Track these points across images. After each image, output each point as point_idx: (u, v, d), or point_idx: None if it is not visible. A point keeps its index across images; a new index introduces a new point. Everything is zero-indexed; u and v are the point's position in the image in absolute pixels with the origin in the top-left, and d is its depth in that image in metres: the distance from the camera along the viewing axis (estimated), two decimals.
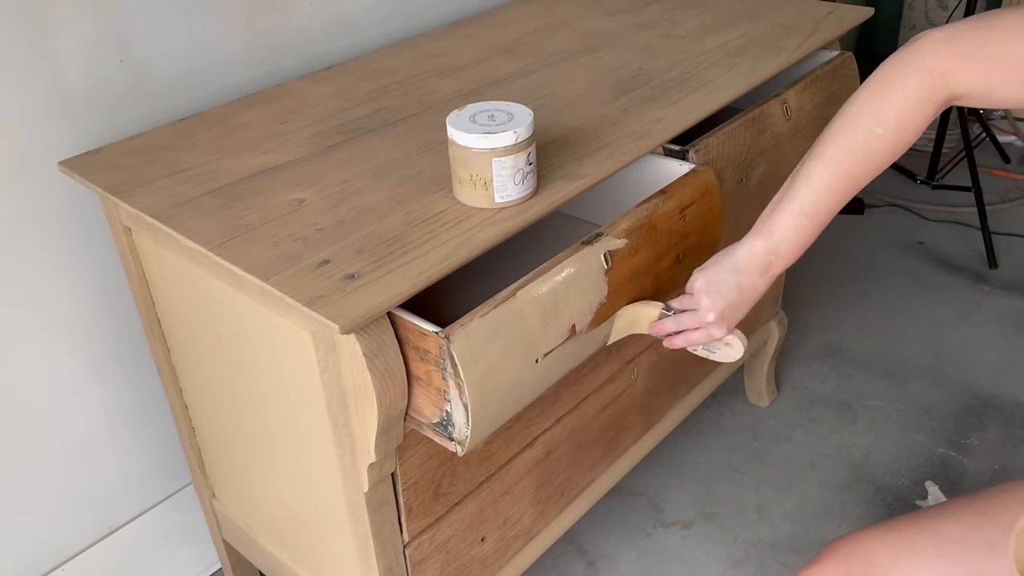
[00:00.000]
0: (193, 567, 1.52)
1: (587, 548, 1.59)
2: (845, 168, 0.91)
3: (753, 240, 0.95)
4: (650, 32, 1.46)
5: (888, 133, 0.89)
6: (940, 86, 0.87)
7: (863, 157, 0.90)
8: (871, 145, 0.89)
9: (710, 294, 0.95)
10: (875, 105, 0.89)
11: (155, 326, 1.19)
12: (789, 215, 0.93)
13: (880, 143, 0.89)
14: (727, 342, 1.00)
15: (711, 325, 0.96)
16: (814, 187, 0.91)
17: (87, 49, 1.15)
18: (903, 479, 1.69)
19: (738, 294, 0.95)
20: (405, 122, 1.18)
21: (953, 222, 2.47)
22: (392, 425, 0.90)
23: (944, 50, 0.87)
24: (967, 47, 0.86)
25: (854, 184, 0.92)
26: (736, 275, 0.95)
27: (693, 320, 0.98)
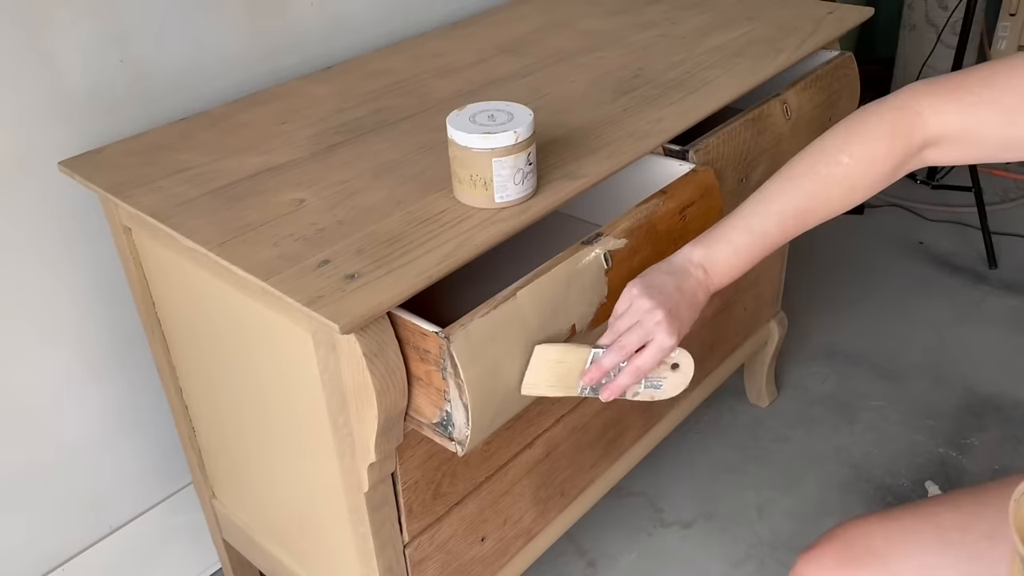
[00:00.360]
0: (193, 567, 1.52)
1: (587, 548, 1.59)
2: (801, 194, 0.87)
3: (691, 247, 0.91)
4: (650, 32, 1.46)
5: (852, 162, 0.86)
6: (915, 124, 0.84)
7: (821, 187, 0.87)
8: (832, 173, 0.86)
9: (651, 295, 0.86)
10: (846, 135, 0.87)
11: (155, 326, 1.19)
12: (732, 228, 0.90)
13: (841, 173, 0.86)
14: (675, 360, 0.89)
15: (659, 329, 0.85)
16: (766, 206, 0.89)
17: (87, 49, 1.15)
18: (903, 479, 1.69)
19: (679, 297, 0.87)
20: (405, 122, 1.18)
21: (953, 222, 2.47)
22: (392, 425, 0.90)
23: (924, 89, 0.85)
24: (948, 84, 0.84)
25: (806, 214, 0.88)
26: (674, 277, 0.88)
27: (635, 336, 0.86)
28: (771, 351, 1.77)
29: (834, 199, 0.88)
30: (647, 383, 0.90)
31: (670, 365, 0.90)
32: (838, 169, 0.87)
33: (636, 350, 0.87)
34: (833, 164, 0.87)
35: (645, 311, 0.86)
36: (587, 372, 0.89)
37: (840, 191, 0.87)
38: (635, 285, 0.88)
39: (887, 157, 0.86)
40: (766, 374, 1.81)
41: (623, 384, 0.88)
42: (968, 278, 2.25)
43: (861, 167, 0.86)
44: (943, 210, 2.51)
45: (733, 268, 0.90)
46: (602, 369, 0.88)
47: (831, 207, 0.89)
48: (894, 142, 0.85)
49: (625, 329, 0.87)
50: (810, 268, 2.28)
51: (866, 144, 0.86)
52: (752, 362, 1.81)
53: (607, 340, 0.88)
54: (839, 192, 0.87)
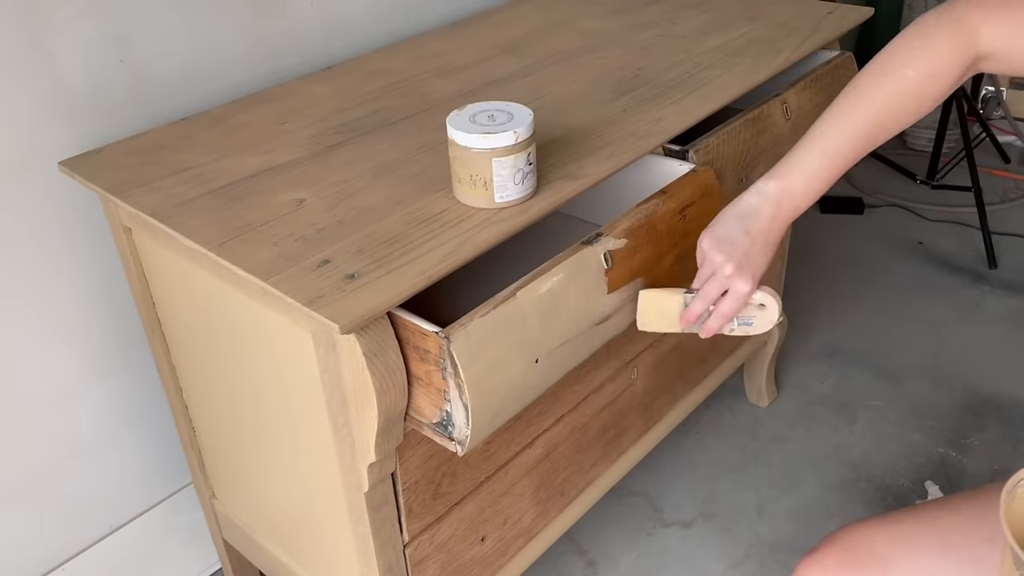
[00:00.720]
0: (193, 567, 1.52)
1: (587, 548, 1.59)
2: (870, 108, 0.89)
3: (765, 181, 0.92)
4: (650, 32, 1.46)
5: (917, 76, 0.87)
6: (970, 39, 0.86)
7: (889, 99, 0.88)
8: (899, 87, 0.88)
9: (720, 248, 0.91)
10: (905, 49, 0.88)
11: (155, 326, 1.19)
12: (806, 152, 0.90)
13: (908, 86, 0.88)
14: (759, 301, 0.95)
15: (733, 280, 0.91)
16: (837, 126, 0.90)
17: (87, 49, 1.15)
18: (903, 479, 1.69)
19: (750, 241, 0.91)
20: (405, 122, 1.18)
21: (953, 222, 2.47)
22: (392, 425, 0.90)
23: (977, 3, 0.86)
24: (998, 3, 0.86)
25: (877, 128, 0.90)
26: (742, 221, 0.91)
27: (715, 286, 0.92)
28: (771, 351, 1.77)
29: (903, 113, 0.89)
30: (739, 321, 0.97)
31: (758, 304, 0.95)
32: (904, 83, 0.88)
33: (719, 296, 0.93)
34: (900, 79, 0.88)
35: (718, 265, 0.91)
36: (683, 316, 0.97)
37: (908, 105, 0.89)
38: (705, 238, 0.93)
39: (949, 69, 0.87)
40: (766, 374, 1.81)
41: (714, 327, 0.95)
42: (968, 278, 2.25)
43: (926, 80, 0.88)
44: (943, 210, 2.51)
45: (809, 193, 0.92)
46: (693, 315, 0.96)
47: (900, 121, 0.90)
48: (953, 56, 0.87)
49: (706, 278, 0.93)
50: (810, 268, 2.28)
51: (928, 58, 0.87)
52: (752, 362, 1.81)
53: (696, 284, 0.95)
54: (907, 106, 0.89)
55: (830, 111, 0.91)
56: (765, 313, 0.96)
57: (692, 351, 1.47)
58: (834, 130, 0.90)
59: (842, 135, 0.89)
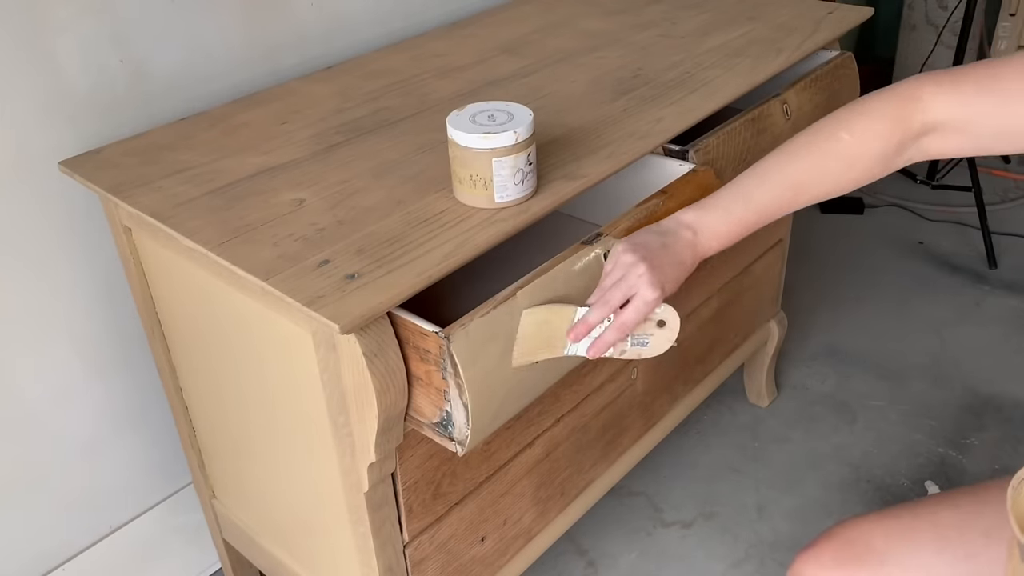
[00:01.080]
0: (193, 567, 1.52)
1: (587, 548, 1.59)
2: (798, 167, 0.89)
3: (684, 211, 0.92)
4: (650, 32, 1.46)
5: (851, 139, 0.87)
6: (916, 108, 0.85)
7: (818, 160, 0.88)
8: (830, 149, 0.88)
9: (634, 250, 0.87)
10: (848, 114, 0.88)
11: (155, 326, 1.19)
12: (729, 197, 0.91)
13: (840, 148, 0.87)
14: (660, 316, 0.88)
15: (641, 283, 0.85)
16: (763, 178, 0.90)
17: (87, 49, 1.15)
18: (903, 479, 1.69)
19: (666, 254, 0.88)
20: (405, 122, 1.18)
21: (953, 222, 2.47)
22: (392, 425, 0.90)
23: (925, 78, 0.86)
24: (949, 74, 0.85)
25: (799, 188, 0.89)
26: (661, 237, 0.89)
27: (619, 291, 0.86)
28: (771, 351, 1.77)
29: (831, 174, 0.89)
30: (633, 340, 0.89)
31: (656, 322, 0.89)
32: (838, 145, 0.88)
33: (621, 306, 0.87)
34: (833, 140, 0.88)
35: (628, 265, 0.87)
36: (572, 329, 0.88)
37: (838, 166, 0.88)
38: (620, 243, 0.90)
39: (887, 137, 0.86)
40: (766, 374, 1.81)
41: (609, 340, 0.87)
42: (968, 278, 2.25)
43: (860, 144, 0.87)
44: (943, 210, 2.51)
45: (724, 233, 0.91)
46: (588, 325, 0.87)
47: (827, 183, 0.89)
48: (894, 124, 0.86)
49: (610, 286, 0.87)
50: (810, 268, 2.28)
51: (866, 123, 0.87)
52: (752, 362, 1.81)
53: (594, 298, 0.88)
54: (837, 168, 0.88)
55: (763, 161, 0.91)
56: (664, 332, 0.90)
57: (692, 351, 1.47)
58: (759, 182, 0.90)
59: (765, 188, 0.89)
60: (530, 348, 0.89)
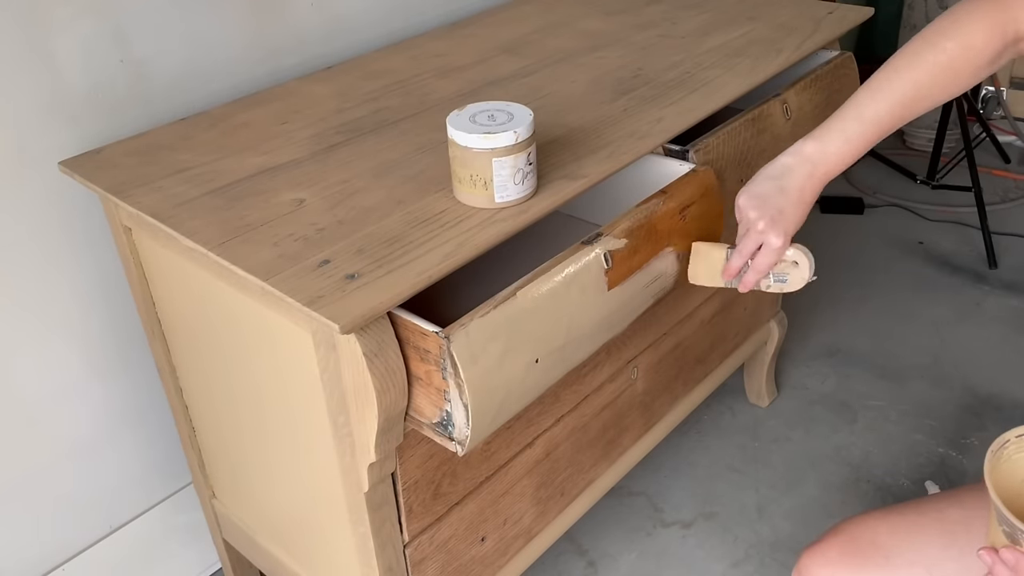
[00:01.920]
0: (193, 567, 1.52)
1: (587, 548, 1.59)
2: (909, 80, 0.91)
3: (802, 143, 0.96)
4: (650, 32, 1.46)
5: (955, 49, 0.90)
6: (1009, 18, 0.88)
7: (927, 71, 0.91)
8: (936, 60, 0.90)
9: (755, 205, 0.96)
10: (946, 24, 0.91)
11: (155, 326, 1.19)
12: (844, 119, 0.94)
13: (946, 59, 0.90)
14: (792, 258, 0.99)
15: (766, 235, 0.95)
16: (875, 95, 0.93)
17: (87, 49, 1.15)
18: (903, 479, 1.69)
19: (784, 198, 0.95)
20: (405, 122, 1.18)
21: (953, 222, 2.47)
22: (392, 425, 0.90)
23: None
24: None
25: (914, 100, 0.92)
26: (777, 180, 0.96)
27: (750, 241, 0.97)
28: (771, 351, 1.77)
29: (939, 85, 0.92)
30: (775, 277, 1.01)
31: (791, 262, 0.99)
32: (942, 56, 0.90)
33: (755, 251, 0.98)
34: (938, 52, 0.91)
35: (752, 221, 0.96)
36: (724, 269, 1.02)
37: (945, 78, 0.91)
38: (740, 196, 0.98)
39: (986, 45, 0.90)
40: (766, 374, 1.81)
41: (750, 281, 1.00)
42: (968, 278, 2.25)
43: (963, 54, 0.90)
44: (943, 210, 2.51)
45: (844, 156, 0.95)
46: (733, 269, 1.01)
47: (936, 94, 0.92)
48: (992, 32, 0.89)
49: (742, 236, 0.98)
50: None
51: (967, 34, 0.90)
52: (752, 362, 1.81)
53: (737, 240, 1.00)
54: (944, 79, 0.91)
55: (870, 81, 0.94)
56: (798, 271, 0.99)
57: (692, 351, 1.47)
58: (872, 100, 0.93)
59: (879, 104, 0.92)
60: (698, 274, 1.06)
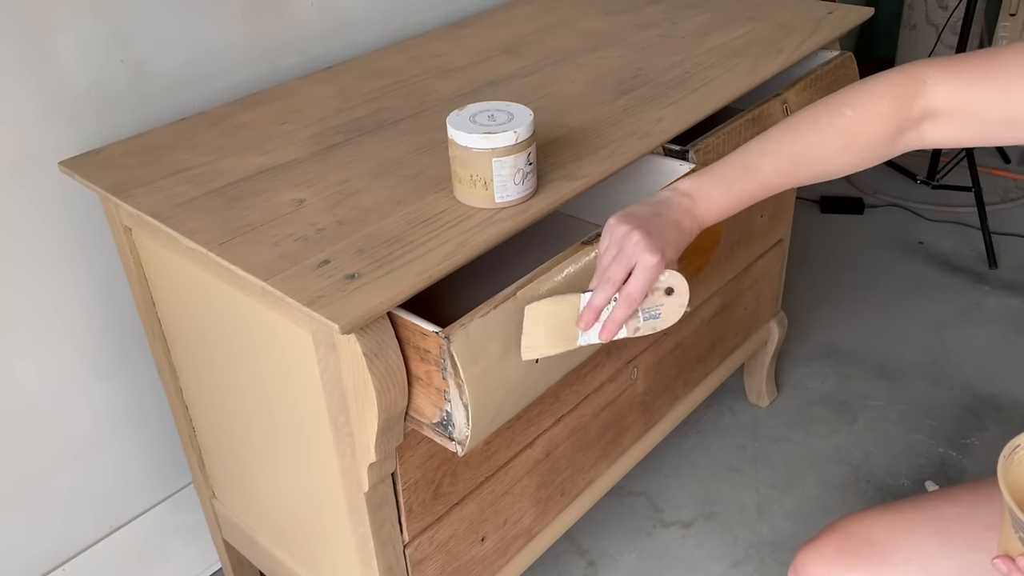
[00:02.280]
0: (193, 567, 1.52)
1: (587, 548, 1.59)
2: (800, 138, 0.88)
3: (680, 180, 0.90)
4: (650, 32, 1.46)
5: (855, 115, 0.87)
6: (918, 90, 0.85)
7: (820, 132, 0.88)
8: (833, 123, 0.87)
9: (627, 220, 0.84)
10: (851, 92, 0.89)
11: (155, 326, 1.19)
12: (726, 164, 0.89)
13: (843, 123, 0.87)
14: (666, 283, 0.84)
15: (638, 250, 0.82)
16: (763, 146, 0.89)
17: (87, 49, 1.15)
18: (903, 479, 1.69)
19: (661, 220, 0.85)
20: (405, 122, 1.18)
21: (953, 222, 2.47)
22: (392, 425, 0.90)
23: (928, 62, 0.87)
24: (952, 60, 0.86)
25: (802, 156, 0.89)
26: (654, 206, 0.86)
27: (620, 265, 0.82)
28: (771, 351, 1.77)
29: (831, 149, 0.88)
30: (645, 314, 0.85)
31: (663, 290, 0.85)
32: (840, 120, 0.88)
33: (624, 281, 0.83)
34: (836, 115, 0.88)
35: (623, 236, 0.83)
36: (581, 317, 0.84)
37: (838, 142, 0.88)
38: (612, 217, 0.86)
39: (889, 116, 0.87)
40: (766, 374, 1.81)
41: (619, 318, 0.83)
42: (968, 278, 2.25)
43: (862, 121, 0.87)
44: (943, 210, 2.51)
45: (723, 201, 0.88)
46: (595, 309, 0.84)
47: (828, 159, 0.89)
48: (896, 103, 0.86)
49: (609, 263, 0.83)
50: (810, 268, 2.28)
51: (870, 100, 0.87)
52: (752, 362, 1.81)
53: (595, 281, 0.85)
54: (837, 143, 0.88)
55: (765, 133, 0.91)
56: (674, 299, 0.85)
57: (692, 351, 1.47)
58: (760, 153, 0.89)
59: (765, 158, 0.88)
60: (539, 342, 0.86)
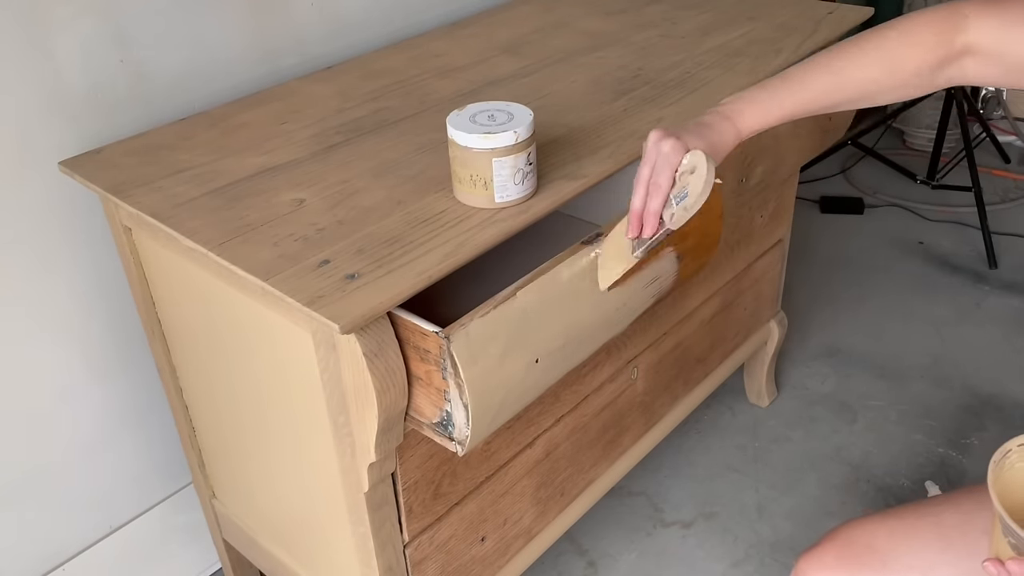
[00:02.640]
0: (193, 567, 1.52)
1: (587, 548, 1.59)
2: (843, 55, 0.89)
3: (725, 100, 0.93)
4: (650, 32, 1.46)
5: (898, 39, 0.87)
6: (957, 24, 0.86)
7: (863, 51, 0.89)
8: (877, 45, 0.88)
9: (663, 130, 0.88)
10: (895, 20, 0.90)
11: (155, 326, 1.19)
12: (772, 79, 0.92)
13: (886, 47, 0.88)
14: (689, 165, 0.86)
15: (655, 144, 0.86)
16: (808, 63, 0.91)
17: (87, 49, 1.15)
18: (903, 479, 1.69)
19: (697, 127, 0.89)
20: (405, 122, 1.18)
21: (953, 222, 2.47)
22: (392, 425, 0.90)
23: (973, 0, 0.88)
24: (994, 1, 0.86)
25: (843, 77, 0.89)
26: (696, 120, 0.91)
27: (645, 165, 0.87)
28: (771, 351, 1.77)
29: (874, 71, 0.89)
30: (676, 200, 0.87)
31: (688, 172, 0.87)
32: (884, 43, 0.88)
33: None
34: (881, 38, 0.89)
35: (654, 142, 0.87)
36: (628, 230, 0.90)
37: (881, 65, 0.88)
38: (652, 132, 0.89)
39: (931, 46, 0.87)
40: (766, 374, 1.81)
41: (654, 208, 0.87)
42: (968, 278, 2.25)
43: (906, 47, 0.88)
44: (943, 210, 2.51)
45: (762, 110, 0.91)
46: (636, 214, 0.88)
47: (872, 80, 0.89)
48: (940, 35, 0.87)
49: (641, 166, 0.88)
50: (810, 268, 2.28)
51: (914, 28, 0.88)
52: (752, 362, 1.81)
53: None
54: (880, 66, 0.88)
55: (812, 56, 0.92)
56: (696, 176, 0.86)
57: (692, 351, 1.47)
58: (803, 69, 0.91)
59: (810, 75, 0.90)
60: (607, 271, 0.95)
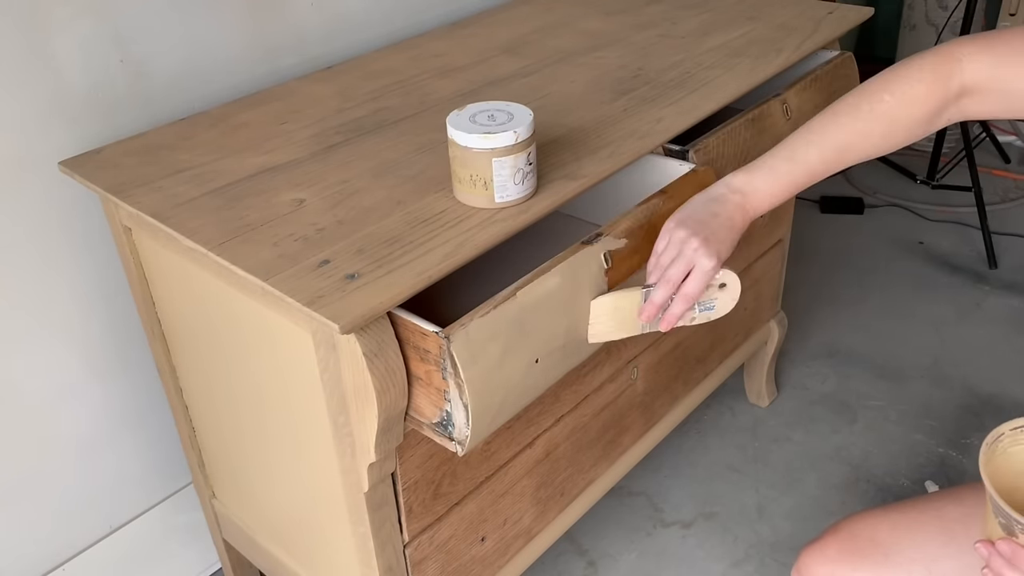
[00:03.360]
0: (193, 567, 1.52)
1: (587, 548, 1.59)
2: (843, 126, 0.92)
3: (732, 175, 0.95)
4: (650, 32, 1.46)
5: (893, 100, 0.90)
6: (954, 70, 0.88)
7: (862, 120, 0.91)
8: (873, 110, 0.91)
9: (686, 225, 0.91)
10: (889, 76, 0.91)
11: (155, 326, 1.19)
12: (776, 158, 0.94)
13: (883, 109, 0.90)
14: (720, 280, 0.93)
15: (698, 256, 0.90)
16: (808, 139, 0.93)
17: (87, 49, 1.15)
18: (903, 479, 1.69)
19: (716, 221, 0.92)
20: (405, 122, 1.18)
21: (953, 222, 2.47)
22: (392, 425, 0.90)
23: (964, 40, 0.89)
24: (986, 36, 0.88)
25: (846, 148, 0.92)
26: (710, 205, 0.93)
27: (679, 266, 0.91)
28: (771, 351, 1.77)
29: (875, 135, 0.92)
30: (700, 307, 0.95)
31: (718, 286, 0.94)
32: (880, 106, 0.91)
33: (682, 280, 0.92)
34: (876, 102, 0.91)
35: (682, 241, 0.91)
36: (643, 310, 0.94)
37: (881, 128, 0.91)
38: (672, 219, 0.94)
39: (927, 98, 0.89)
40: (766, 374, 1.81)
41: (677, 313, 0.93)
42: (968, 278, 2.25)
43: (902, 106, 0.90)
44: (943, 210, 2.51)
45: (772, 192, 0.94)
46: (655, 305, 0.93)
47: (871, 144, 0.92)
48: (934, 85, 0.89)
49: (668, 263, 0.92)
50: (810, 268, 2.28)
51: (907, 84, 0.90)
52: (752, 362, 1.81)
53: (654, 278, 0.93)
54: (880, 129, 0.91)
55: (808, 124, 0.94)
56: (727, 293, 0.94)
57: (692, 351, 1.47)
58: (805, 143, 0.93)
59: (811, 148, 0.93)
60: (604, 331, 0.97)
